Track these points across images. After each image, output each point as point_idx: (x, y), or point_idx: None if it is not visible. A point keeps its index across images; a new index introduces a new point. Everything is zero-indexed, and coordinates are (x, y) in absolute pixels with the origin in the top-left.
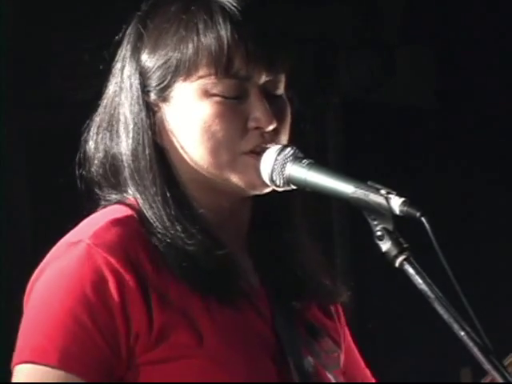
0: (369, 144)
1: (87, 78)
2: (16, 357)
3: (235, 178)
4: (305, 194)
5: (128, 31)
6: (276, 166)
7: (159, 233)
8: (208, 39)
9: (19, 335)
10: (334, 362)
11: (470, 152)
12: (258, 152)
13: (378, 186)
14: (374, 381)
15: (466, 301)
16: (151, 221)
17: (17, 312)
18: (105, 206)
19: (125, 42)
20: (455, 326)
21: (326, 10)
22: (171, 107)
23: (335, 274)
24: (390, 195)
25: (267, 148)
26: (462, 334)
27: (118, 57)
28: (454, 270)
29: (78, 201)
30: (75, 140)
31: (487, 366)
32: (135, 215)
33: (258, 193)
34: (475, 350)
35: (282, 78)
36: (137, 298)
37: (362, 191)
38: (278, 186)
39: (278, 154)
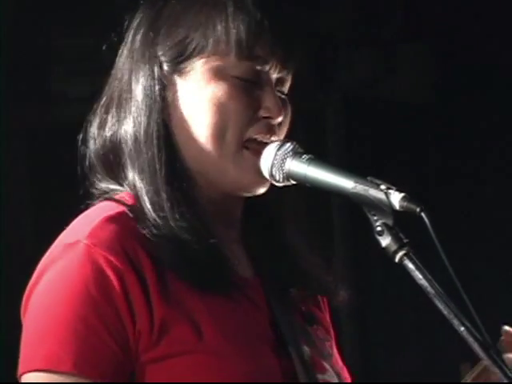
0: (369, 140)
1: (88, 74)
2: (25, 365)
3: (234, 173)
4: (298, 187)
5: (144, 5)
6: (276, 161)
7: (153, 223)
8: (237, 21)
9: (24, 342)
10: (328, 350)
11: (470, 149)
12: (262, 143)
13: (378, 182)
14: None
15: (466, 296)
16: (146, 205)
17: (16, 314)
18: (93, 204)
19: (139, 16)
20: (455, 322)
21: (326, 6)
22: (186, 82)
23: (330, 266)
24: (389, 190)
25: (270, 141)
26: (462, 329)
27: (129, 30)
28: (454, 265)
29: (78, 198)
30: (76, 137)
31: (487, 361)
32: (126, 211)
33: (251, 194)
34: (475, 346)
35: (290, 78)
36: (138, 294)
37: (361, 186)
38: (278, 181)
39: (278, 149)
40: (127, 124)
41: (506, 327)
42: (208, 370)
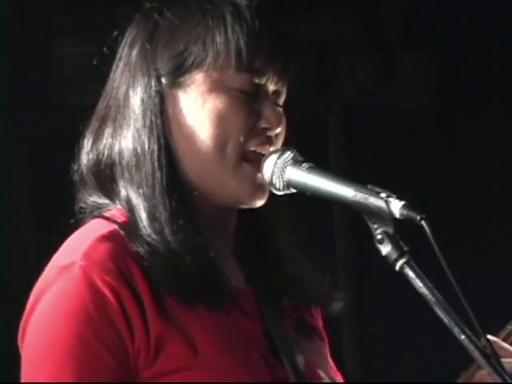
0: (370, 146)
1: (88, 81)
2: None
3: (234, 185)
4: (291, 197)
5: (138, 18)
6: (276, 170)
7: (147, 240)
8: (237, 33)
9: (26, 367)
10: (323, 358)
11: (471, 154)
12: (261, 154)
13: (378, 190)
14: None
15: (467, 304)
16: (142, 219)
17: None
18: (85, 222)
19: (134, 29)
20: (455, 330)
21: (326, 12)
22: (186, 95)
23: (325, 277)
24: (390, 199)
25: (269, 152)
26: (463, 337)
27: (124, 44)
28: (455, 273)
29: (77, 210)
30: (76, 143)
31: (488, 369)
32: (118, 229)
33: (249, 206)
34: (476, 354)
35: (285, 91)
36: (135, 312)
37: (362, 195)
38: (278, 190)
39: (278, 158)
40: (125, 139)
41: (489, 337)
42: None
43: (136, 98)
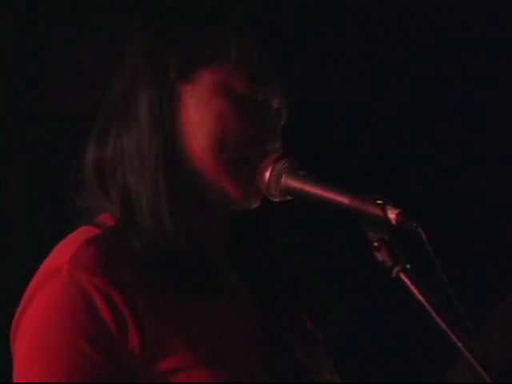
0: (368, 145)
1: (86, 89)
2: None
3: (229, 185)
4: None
5: (145, 24)
6: (272, 177)
7: (145, 232)
8: (250, 42)
9: (18, 374)
10: (318, 348)
11: (470, 153)
12: (253, 163)
13: (375, 197)
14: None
15: (464, 309)
16: (142, 210)
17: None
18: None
19: (142, 29)
20: (453, 337)
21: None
22: (193, 91)
23: (325, 286)
24: (386, 205)
25: (266, 159)
26: (460, 344)
27: (131, 42)
28: (452, 280)
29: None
30: (73, 150)
31: (485, 375)
32: (106, 232)
33: (242, 208)
34: (473, 361)
35: (286, 110)
36: (126, 313)
37: (358, 202)
38: (275, 197)
39: (275, 165)
40: (131, 132)
41: None
42: (208, 380)
43: (144, 92)
